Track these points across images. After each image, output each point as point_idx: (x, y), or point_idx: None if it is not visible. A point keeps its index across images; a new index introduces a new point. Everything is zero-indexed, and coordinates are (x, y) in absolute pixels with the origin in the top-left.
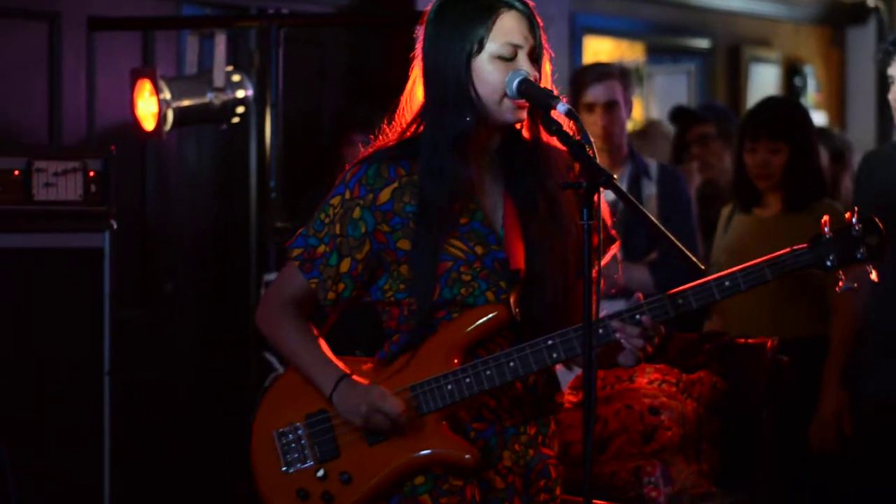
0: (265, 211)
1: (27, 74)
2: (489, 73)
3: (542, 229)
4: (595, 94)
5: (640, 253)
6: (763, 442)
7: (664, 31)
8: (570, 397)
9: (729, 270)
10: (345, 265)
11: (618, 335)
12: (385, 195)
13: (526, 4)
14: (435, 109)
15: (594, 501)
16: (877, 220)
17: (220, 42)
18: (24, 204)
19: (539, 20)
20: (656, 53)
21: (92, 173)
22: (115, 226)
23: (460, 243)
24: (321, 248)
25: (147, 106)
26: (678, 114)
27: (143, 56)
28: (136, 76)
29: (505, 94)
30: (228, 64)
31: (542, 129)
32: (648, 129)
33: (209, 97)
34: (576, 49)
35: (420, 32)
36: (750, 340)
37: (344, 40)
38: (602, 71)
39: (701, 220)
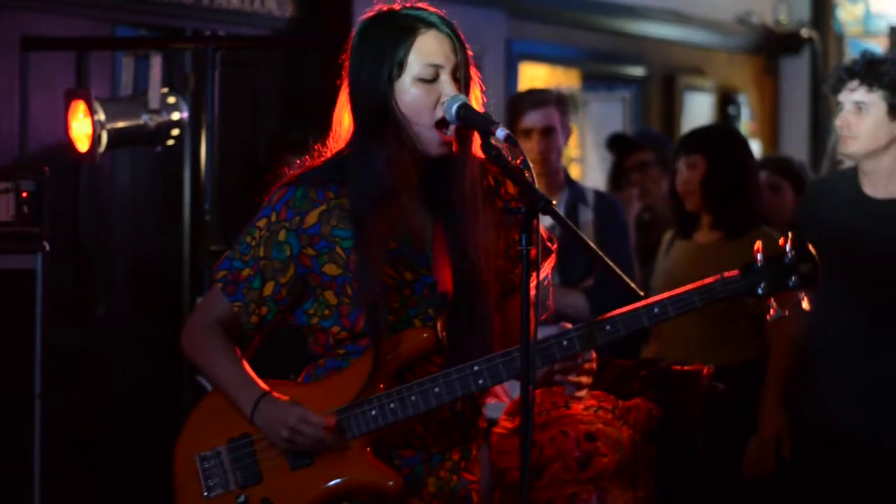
0: (199, 234)
1: None
2: (412, 96)
3: (468, 253)
4: (532, 120)
5: (577, 279)
6: (697, 469)
7: (599, 59)
8: (505, 423)
9: (658, 297)
10: (268, 288)
11: (557, 378)
12: (312, 218)
13: (448, 23)
14: (361, 133)
15: None
16: (810, 246)
17: (156, 64)
18: None
19: (462, 37)
20: (591, 81)
21: (24, 194)
22: (47, 247)
23: (390, 269)
24: (245, 272)
25: (81, 127)
26: (616, 141)
27: (77, 77)
28: (70, 97)
29: (436, 120)
30: (164, 86)
31: (469, 148)
32: None
33: (144, 119)
34: (511, 76)
35: (346, 58)
36: (686, 367)
37: (280, 63)
38: (539, 97)
39: (640, 247)
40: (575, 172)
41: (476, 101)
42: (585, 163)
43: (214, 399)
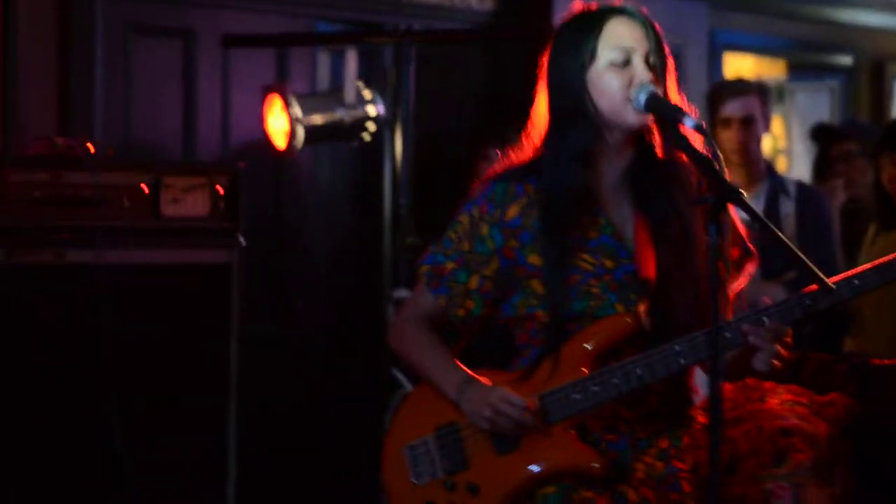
0: (398, 227)
1: (162, 91)
2: (606, 81)
3: (673, 244)
4: (732, 109)
5: (778, 271)
6: None
7: (806, 48)
8: (699, 418)
9: (858, 269)
10: (473, 282)
11: (750, 338)
12: (513, 211)
13: (638, 10)
14: (556, 127)
15: None
16: None
17: (351, 58)
18: (151, 220)
19: (657, 26)
20: (798, 70)
21: (220, 189)
22: (242, 242)
23: (589, 257)
24: (449, 265)
25: (278, 122)
26: (819, 131)
27: (277, 72)
28: (266, 92)
29: (628, 101)
30: (361, 80)
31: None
32: None
33: (340, 114)
34: (715, 66)
35: (543, 60)
36: (886, 361)
37: (478, 56)
38: (739, 86)
39: (845, 238)
40: (781, 164)
41: (671, 90)
42: (792, 154)
43: (420, 394)
